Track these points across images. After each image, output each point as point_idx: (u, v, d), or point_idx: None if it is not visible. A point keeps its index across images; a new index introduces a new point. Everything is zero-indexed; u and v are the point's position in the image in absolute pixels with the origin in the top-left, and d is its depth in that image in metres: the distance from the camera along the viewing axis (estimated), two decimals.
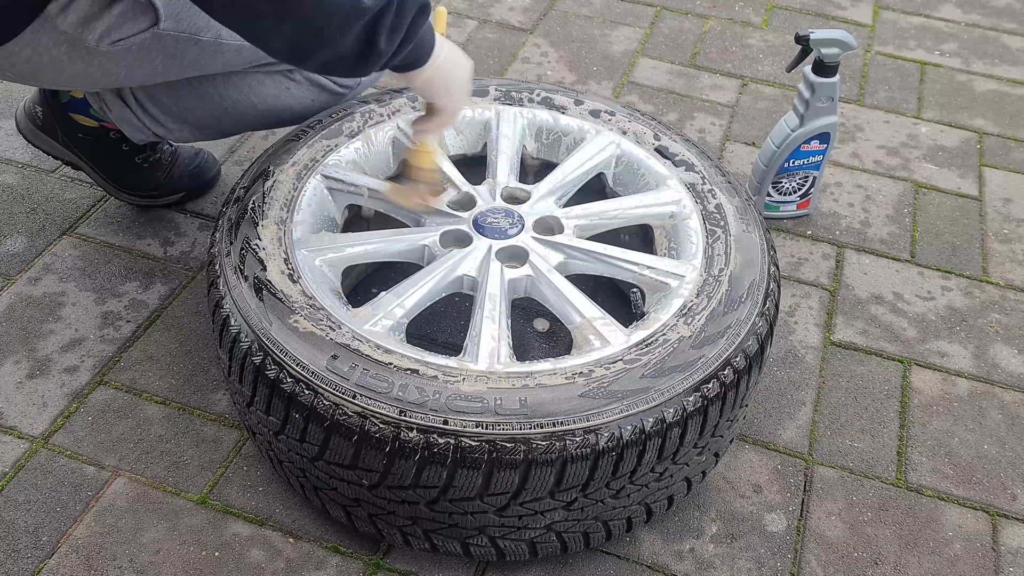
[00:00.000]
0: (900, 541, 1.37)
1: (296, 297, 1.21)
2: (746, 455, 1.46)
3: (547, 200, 1.43)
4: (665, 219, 1.42)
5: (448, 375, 1.14)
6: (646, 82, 2.23)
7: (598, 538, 1.25)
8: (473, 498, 1.13)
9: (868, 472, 1.45)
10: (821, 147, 1.79)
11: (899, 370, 1.61)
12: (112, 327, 1.58)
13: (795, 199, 1.86)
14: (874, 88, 2.25)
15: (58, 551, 1.29)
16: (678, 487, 1.26)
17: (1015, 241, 1.87)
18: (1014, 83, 2.30)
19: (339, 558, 1.30)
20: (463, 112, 1.49)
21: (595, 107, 1.56)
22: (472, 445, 1.08)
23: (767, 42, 2.39)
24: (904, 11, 2.54)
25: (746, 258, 1.31)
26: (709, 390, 1.16)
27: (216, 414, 1.47)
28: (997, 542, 1.38)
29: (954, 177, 2.01)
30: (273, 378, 1.15)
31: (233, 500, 1.36)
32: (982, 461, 1.48)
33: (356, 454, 1.12)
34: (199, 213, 1.80)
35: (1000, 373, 1.62)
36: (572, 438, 1.09)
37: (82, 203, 1.80)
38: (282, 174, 1.39)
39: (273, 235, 1.30)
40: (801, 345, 1.64)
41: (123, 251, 1.72)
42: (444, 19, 1.52)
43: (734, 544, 1.35)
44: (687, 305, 1.25)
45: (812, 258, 1.81)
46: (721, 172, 1.46)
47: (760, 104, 2.18)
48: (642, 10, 2.48)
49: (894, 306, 1.72)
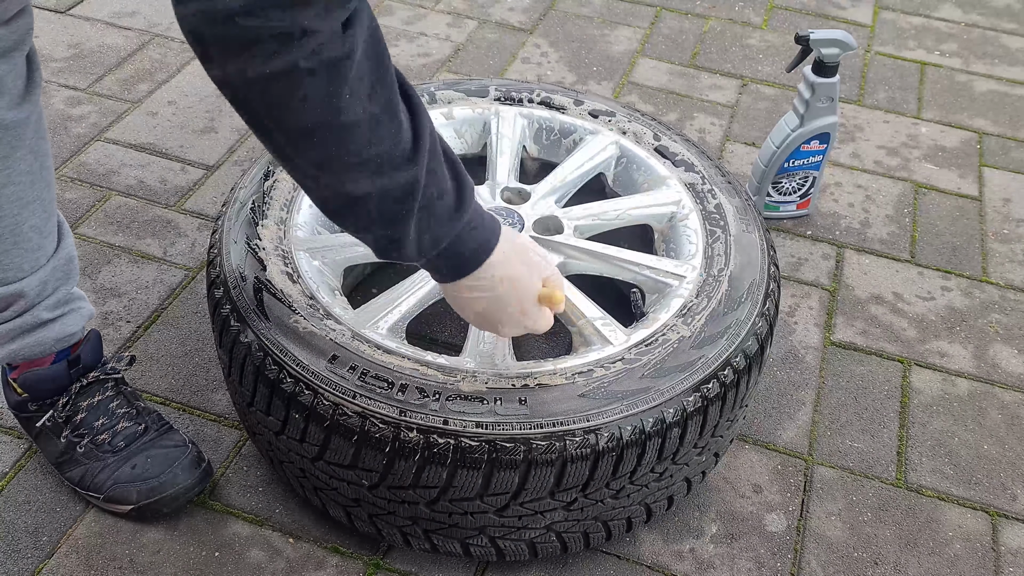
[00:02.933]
0: (900, 541, 1.37)
1: (296, 297, 1.21)
2: (746, 455, 1.46)
3: (547, 200, 1.43)
4: (665, 219, 1.42)
5: (448, 375, 1.14)
6: (646, 82, 2.23)
7: (598, 538, 1.25)
8: (473, 498, 1.13)
9: (868, 472, 1.45)
10: (821, 147, 1.79)
11: (899, 370, 1.61)
12: (112, 327, 1.58)
13: (795, 199, 1.86)
14: (874, 88, 2.25)
15: (58, 551, 1.29)
16: (678, 487, 1.26)
17: (1015, 241, 1.87)
18: (1014, 83, 2.30)
19: (339, 558, 1.30)
20: None
21: (595, 107, 1.56)
22: (472, 445, 1.08)
23: (767, 42, 2.39)
24: (904, 11, 2.54)
25: (746, 258, 1.31)
26: (709, 390, 1.16)
27: (216, 414, 1.47)
28: (997, 542, 1.38)
29: (954, 177, 2.01)
30: (273, 378, 1.15)
31: (233, 500, 1.36)
32: (982, 461, 1.48)
33: (356, 454, 1.12)
34: (199, 213, 1.80)
35: (1000, 373, 1.62)
36: (572, 438, 1.09)
37: (82, 203, 1.80)
38: (282, 174, 1.39)
39: (273, 235, 1.30)
40: (801, 345, 1.64)
41: (123, 251, 1.72)
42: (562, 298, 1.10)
43: (734, 544, 1.35)
44: (687, 305, 1.25)
45: (812, 258, 1.81)
46: (721, 172, 1.46)
47: (760, 104, 2.18)
48: (642, 10, 2.48)
49: (894, 306, 1.72)
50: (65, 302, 1.29)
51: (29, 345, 1.28)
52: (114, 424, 1.32)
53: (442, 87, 1.57)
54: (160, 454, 1.30)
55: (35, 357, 1.30)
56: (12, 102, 1.12)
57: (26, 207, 1.19)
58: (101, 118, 2.01)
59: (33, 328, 1.27)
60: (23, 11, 1.09)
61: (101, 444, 1.31)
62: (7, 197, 1.16)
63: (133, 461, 1.30)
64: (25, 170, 1.17)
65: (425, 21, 2.39)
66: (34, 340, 1.28)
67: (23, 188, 1.17)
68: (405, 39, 2.32)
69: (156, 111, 2.04)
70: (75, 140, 1.95)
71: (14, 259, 1.20)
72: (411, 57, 2.26)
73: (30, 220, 1.20)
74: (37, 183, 1.19)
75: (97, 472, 1.30)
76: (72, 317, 1.30)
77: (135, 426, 1.33)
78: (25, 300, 1.24)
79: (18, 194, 1.17)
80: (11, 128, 1.13)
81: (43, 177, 1.20)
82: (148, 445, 1.32)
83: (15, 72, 1.11)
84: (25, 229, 1.19)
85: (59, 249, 1.26)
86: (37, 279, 1.23)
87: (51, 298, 1.27)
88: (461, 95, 1.56)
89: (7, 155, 1.14)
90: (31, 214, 1.19)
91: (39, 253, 1.23)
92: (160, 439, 1.33)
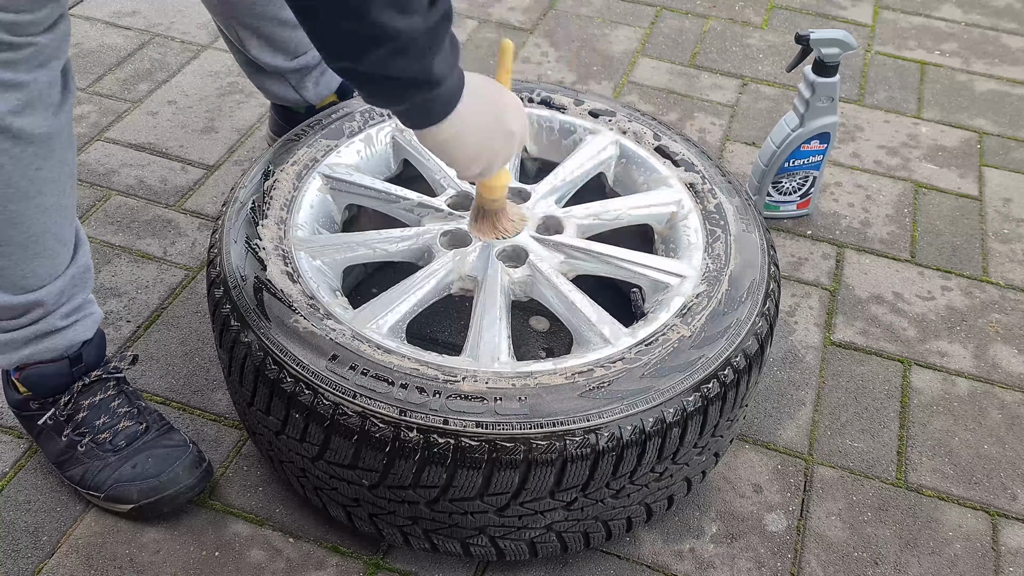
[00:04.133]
0: (900, 541, 1.37)
1: (296, 297, 1.21)
2: (746, 455, 1.46)
3: (547, 200, 1.43)
4: (665, 219, 1.42)
5: (448, 375, 1.14)
6: (646, 82, 2.23)
7: (598, 538, 1.25)
8: (473, 498, 1.13)
9: (868, 472, 1.45)
10: (821, 147, 1.79)
11: (899, 370, 1.61)
12: (112, 327, 1.58)
13: (795, 199, 1.86)
14: (874, 88, 2.25)
15: (58, 551, 1.29)
16: (678, 487, 1.26)
17: (1015, 241, 1.87)
18: (1014, 83, 2.30)
19: (339, 558, 1.30)
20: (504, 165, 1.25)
21: (595, 107, 1.56)
22: (472, 445, 1.08)
23: (767, 42, 2.39)
24: (904, 11, 2.54)
25: (746, 258, 1.31)
26: (709, 390, 1.16)
27: (216, 414, 1.47)
28: (997, 542, 1.38)
29: (954, 177, 2.01)
30: (273, 378, 1.15)
31: (233, 500, 1.36)
32: (982, 461, 1.48)
33: (356, 454, 1.12)
34: (199, 213, 1.80)
35: (1000, 373, 1.62)
36: (572, 438, 1.09)
37: (82, 203, 1.80)
38: (282, 174, 1.39)
39: (273, 235, 1.30)
40: (801, 345, 1.63)
41: (123, 251, 1.72)
42: (510, 57, 1.26)
43: (734, 544, 1.35)
44: (687, 305, 1.25)
45: (812, 258, 1.81)
46: (721, 172, 1.46)
47: (760, 104, 2.18)
48: (642, 10, 2.48)
49: (894, 306, 1.72)
50: (78, 308, 1.29)
51: (40, 351, 1.28)
52: (115, 423, 1.32)
53: None
54: (161, 454, 1.30)
55: (44, 360, 1.30)
56: (48, 113, 1.11)
57: (50, 216, 1.18)
58: (101, 118, 2.01)
59: (47, 334, 1.27)
60: (62, 17, 1.09)
61: (102, 443, 1.31)
62: (36, 207, 1.15)
63: (134, 460, 1.30)
64: (53, 179, 1.16)
65: None
66: (45, 347, 1.28)
67: (49, 198, 1.17)
68: None
69: (156, 111, 2.04)
70: (75, 140, 1.95)
71: (36, 268, 1.20)
72: None
73: (52, 229, 1.20)
74: (62, 192, 1.19)
75: (98, 471, 1.30)
76: (84, 323, 1.30)
77: (136, 425, 1.33)
78: (43, 308, 1.24)
79: (44, 204, 1.16)
80: (45, 140, 1.12)
81: (68, 186, 1.20)
82: (149, 445, 1.32)
83: (53, 82, 1.11)
84: (47, 238, 1.19)
85: (76, 257, 1.26)
86: (56, 287, 1.23)
87: (66, 306, 1.27)
88: None
89: (40, 166, 1.13)
90: (53, 223, 1.19)
91: (58, 261, 1.23)
92: (161, 439, 1.33)
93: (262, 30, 1.60)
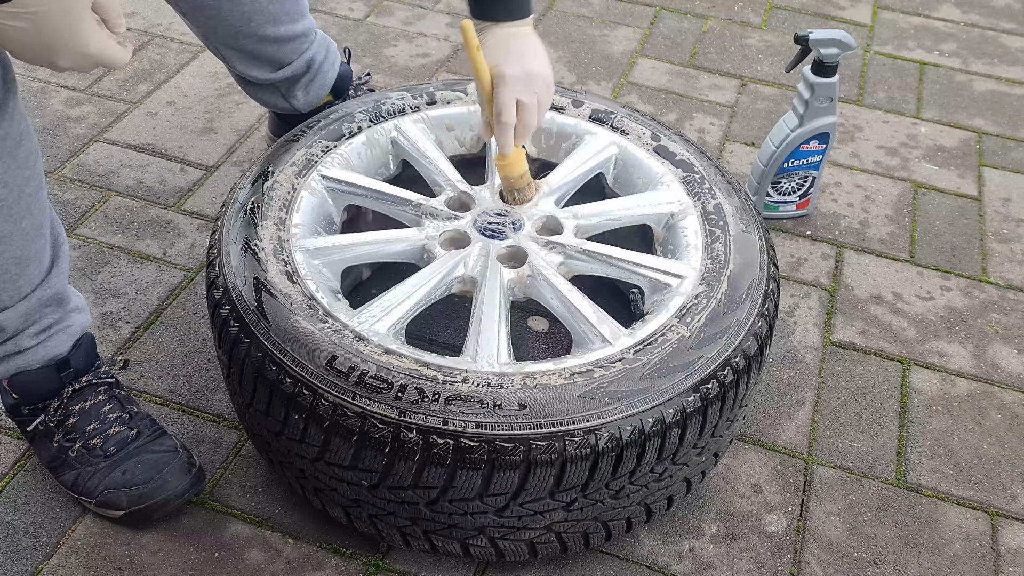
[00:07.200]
0: (900, 541, 1.37)
1: (296, 297, 1.21)
2: (746, 455, 1.46)
3: (546, 201, 1.43)
4: (664, 219, 1.42)
5: (448, 375, 1.13)
6: (645, 82, 2.23)
7: (598, 538, 1.25)
8: (473, 498, 1.13)
9: (868, 472, 1.45)
10: (820, 147, 1.79)
11: (899, 370, 1.61)
12: (112, 327, 1.58)
13: (794, 199, 1.86)
14: (873, 88, 2.25)
15: (58, 551, 1.29)
16: (678, 487, 1.26)
17: (1014, 241, 1.87)
18: (1013, 83, 2.30)
19: (339, 559, 1.30)
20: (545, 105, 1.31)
21: (594, 107, 1.56)
22: (472, 445, 1.08)
23: (766, 42, 2.39)
24: (903, 11, 2.54)
25: (745, 258, 1.31)
26: (709, 390, 1.16)
27: (216, 415, 1.47)
28: (997, 542, 1.38)
29: (953, 177, 2.01)
30: (272, 379, 1.15)
31: (233, 501, 1.36)
32: (982, 461, 1.48)
33: (356, 455, 1.12)
34: (199, 213, 1.80)
35: (1000, 373, 1.62)
36: (572, 438, 1.09)
37: (82, 203, 1.80)
38: (281, 174, 1.39)
39: (272, 235, 1.30)
40: (801, 345, 1.64)
41: (123, 251, 1.72)
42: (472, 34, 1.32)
43: (734, 544, 1.35)
44: (686, 305, 1.25)
45: (811, 258, 1.81)
46: (720, 172, 1.46)
47: (759, 104, 2.18)
48: (641, 10, 2.48)
49: (893, 306, 1.72)
50: (50, 327, 1.26)
51: (14, 367, 1.27)
52: (106, 429, 1.31)
53: (441, 87, 1.57)
54: (150, 459, 1.29)
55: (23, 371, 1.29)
56: None
57: (1, 241, 1.13)
58: (100, 119, 2.01)
59: (15, 354, 1.25)
60: None
61: (93, 449, 1.30)
62: None
63: (123, 467, 1.29)
64: None
65: (424, 21, 2.39)
66: (16, 365, 1.26)
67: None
68: (404, 39, 2.32)
69: (155, 112, 2.04)
70: (74, 141, 1.95)
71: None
72: (410, 57, 2.26)
73: (8, 252, 1.14)
74: (13, 216, 1.11)
75: (89, 477, 1.30)
76: (58, 338, 1.28)
77: (127, 431, 1.32)
78: (3, 333, 1.21)
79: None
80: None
81: (21, 207, 1.11)
82: (139, 450, 1.30)
83: None
84: (2, 261, 1.14)
85: (48, 280, 1.21)
86: (18, 311, 1.19)
87: (35, 327, 1.24)
88: (460, 96, 1.56)
89: None
90: (8, 247, 1.14)
91: (21, 282, 1.18)
92: (151, 444, 1.31)
93: (244, 48, 1.58)
